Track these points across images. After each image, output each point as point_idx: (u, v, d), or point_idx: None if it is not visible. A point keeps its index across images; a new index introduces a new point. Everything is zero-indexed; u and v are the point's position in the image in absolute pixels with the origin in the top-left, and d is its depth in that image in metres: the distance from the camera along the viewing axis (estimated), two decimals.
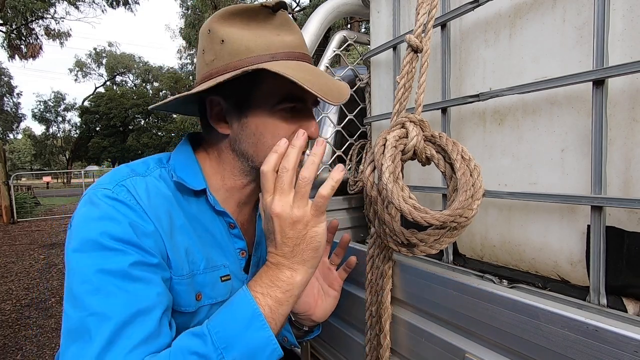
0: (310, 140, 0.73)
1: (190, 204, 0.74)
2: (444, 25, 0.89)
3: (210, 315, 0.71)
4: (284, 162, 0.65)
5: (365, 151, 1.46)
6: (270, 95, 0.70)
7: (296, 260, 0.65)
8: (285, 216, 0.63)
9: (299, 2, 18.71)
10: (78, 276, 0.57)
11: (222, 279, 0.76)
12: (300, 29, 0.83)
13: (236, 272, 0.80)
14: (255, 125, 0.71)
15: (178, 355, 0.56)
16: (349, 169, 1.50)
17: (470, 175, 0.60)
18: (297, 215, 0.64)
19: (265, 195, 0.66)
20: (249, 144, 0.72)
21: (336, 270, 0.91)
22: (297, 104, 0.71)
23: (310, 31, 1.31)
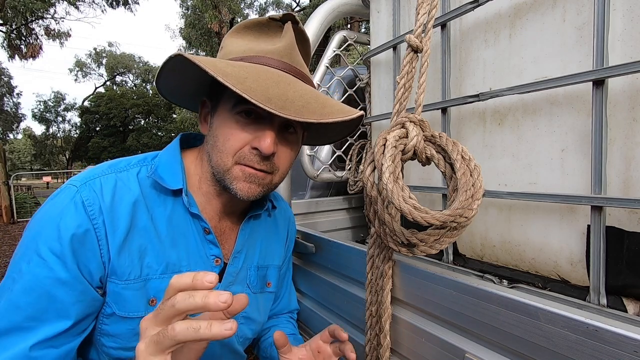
0: (263, 155, 0.67)
1: (165, 203, 0.73)
2: (444, 25, 0.89)
3: None
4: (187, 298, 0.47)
5: (365, 151, 1.46)
6: (232, 95, 0.68)
7: None
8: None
9: (299, 2, 18.71)
10: (10, 267, 0.63)
11: None
12: None
13: None
14: (216, 126, 0.71)
15: None
16: (349, 169, 1.50)
17: (471, 175, 0.60)
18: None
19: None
20: (210, 146, 0.72)
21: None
22: (254, 108, 0.66)
23: (310, 31, 1.31)
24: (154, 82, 0.72)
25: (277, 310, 1.04)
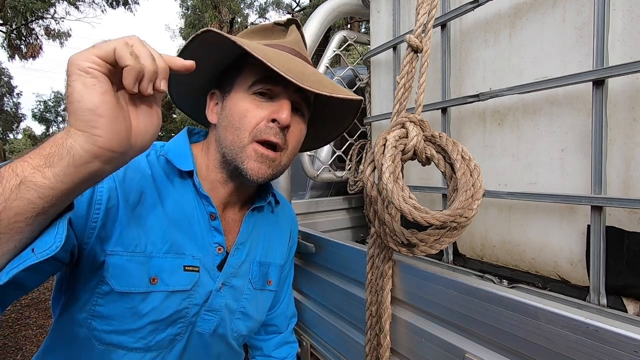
0: (281, 126, 0.71)
1: (174, 185, 0.74)
2: (444, 25, 0.89)
3: (167, 304, 0.70)
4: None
5: (365, 151, 1.46)
6: (248, 77, 0.73)
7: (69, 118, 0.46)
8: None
9: (299, 2, 18.70)
10: None
11: (186, 268, 0.72)
12: None
13: (208, 267, 0.76)
14: (230, 107, 0.74)
15: None
16: (349, 169, 1.50)
17: (471, 175, 0.60)
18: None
19: None
20: (222, 128, 0.74)
21: None
22: (271, 87, 0.71)
23: (310, 31, 1.31)
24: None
25: (275, 316, 1.02)
